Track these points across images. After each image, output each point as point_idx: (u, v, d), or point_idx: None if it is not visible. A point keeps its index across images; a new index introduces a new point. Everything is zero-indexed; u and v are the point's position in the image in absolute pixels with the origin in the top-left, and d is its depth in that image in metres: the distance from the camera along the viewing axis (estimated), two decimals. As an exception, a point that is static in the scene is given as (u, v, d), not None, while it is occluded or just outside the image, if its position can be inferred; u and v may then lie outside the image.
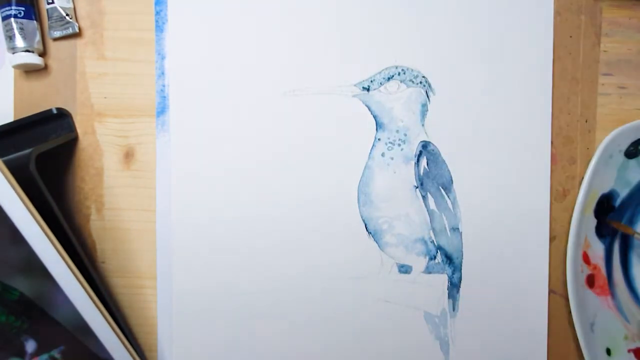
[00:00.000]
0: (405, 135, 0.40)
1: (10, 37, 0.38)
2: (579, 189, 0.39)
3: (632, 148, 0.39)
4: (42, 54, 0.40)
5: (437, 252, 0.40)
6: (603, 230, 0.40)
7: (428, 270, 0.40)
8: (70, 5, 0.40)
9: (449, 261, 0.40)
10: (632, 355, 0.40)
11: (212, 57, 0.40)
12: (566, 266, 0.39)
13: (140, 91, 0.40)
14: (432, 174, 0.40)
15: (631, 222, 0.41)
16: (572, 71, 0.40)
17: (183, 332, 0.40)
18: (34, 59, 0.39)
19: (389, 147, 0.40)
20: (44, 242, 0.32)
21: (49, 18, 0.39)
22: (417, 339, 0.40)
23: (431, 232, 0.40)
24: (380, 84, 0.39)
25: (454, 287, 0.40)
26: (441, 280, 0.40)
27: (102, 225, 0.41)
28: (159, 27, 0.40)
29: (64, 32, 0.40)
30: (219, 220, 0.40)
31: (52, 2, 0.39)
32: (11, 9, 0.38)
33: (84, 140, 0.40)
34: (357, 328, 0.40)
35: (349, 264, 0.40)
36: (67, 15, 0.39)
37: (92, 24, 0.40)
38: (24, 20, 0.38)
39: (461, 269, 0.40)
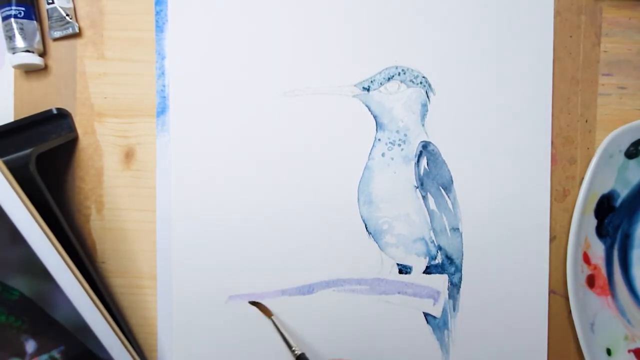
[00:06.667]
0: (405, 135, 0.40)
1: (10, 37, 0.38)
2: (579, 189, 0.39)
3: (632, 148, 0.39)
4: (42, 54, 0.40)
5: (437, 252, 0.40)
6: (603, 230, 0.40)
7: (428, 271, 0.40)
8: (70, 5, 0.40)
9: (449, 261, 0.40)
10: (632, 355, 0.40)
11: (212, 57, 0.40)
12: (566, 266, 0.39)
13: (140, 91, 0.40)
14: (432, 174, 0.40)
15: (631, 222, 0.41)
16: (572, 71, 0.40)
17: (183, 332, 0.40)
18: (34, 59, 0.39)
19: (389, 147, 0.40)
20: (44, 242, 0.32)
21: (49, 18, 0.39)
22: (417, 339, 0.40)
23: (431, 232, 0.40)
24: (381, 84, 0.39)
25: (454, 287, 0.40)
26: (441, 280, 0.40)
27: (102, 225, 0.41)
28: (159, 27, 0.40)
29: (64, 32, 0.40)
30: (219, 220, 0.40)
31: (52, 2, 0.39)
32: (11, 9, 0.38)
33: (84, 140, 0.40)
34: (357, 328, 0.40)
35: (349, 264, 0.40)
36: (67, 15, 0.39)
37: (92, 24, 0.40)
38: (24, 21, 0.38)
39: (461, 269, 0.40)
